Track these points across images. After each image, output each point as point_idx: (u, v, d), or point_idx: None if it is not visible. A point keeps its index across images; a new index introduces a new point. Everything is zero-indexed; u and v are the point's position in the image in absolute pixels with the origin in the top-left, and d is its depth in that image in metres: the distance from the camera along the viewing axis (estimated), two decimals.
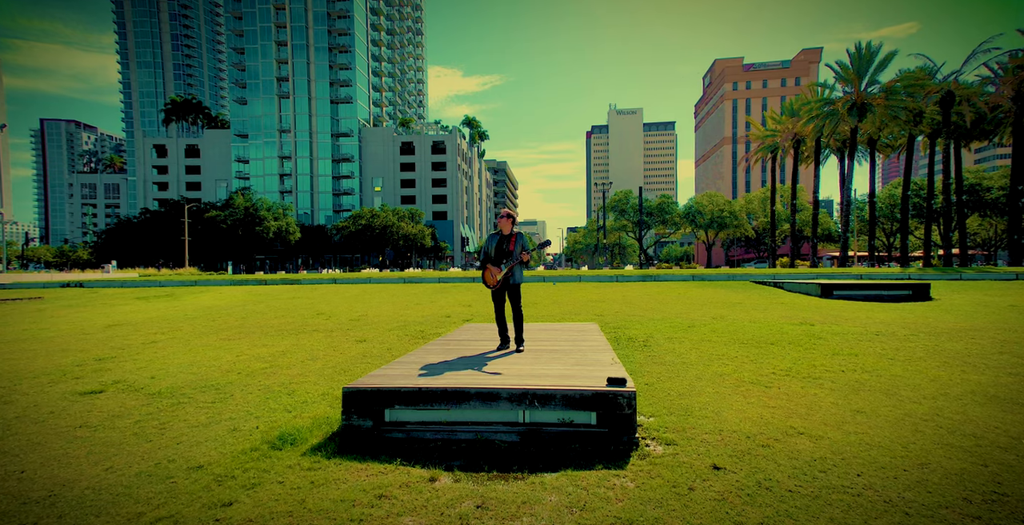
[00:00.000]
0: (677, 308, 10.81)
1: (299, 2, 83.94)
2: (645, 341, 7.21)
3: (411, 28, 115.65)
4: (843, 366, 5.58)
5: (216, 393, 5.01)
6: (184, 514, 2.68)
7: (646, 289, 15.65)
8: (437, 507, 2.82)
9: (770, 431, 3.68)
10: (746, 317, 9.35)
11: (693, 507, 2.65)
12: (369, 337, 8.04)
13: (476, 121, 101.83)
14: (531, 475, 3.17)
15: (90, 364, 6.29)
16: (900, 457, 3.17)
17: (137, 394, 4.96)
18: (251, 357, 6.61)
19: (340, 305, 12.37)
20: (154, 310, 12.06)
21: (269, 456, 3.46)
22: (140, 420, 4.22)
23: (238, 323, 9.66)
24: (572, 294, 14.53)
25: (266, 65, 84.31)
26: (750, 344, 6.80)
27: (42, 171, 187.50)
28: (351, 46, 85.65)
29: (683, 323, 8.70)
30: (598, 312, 10.42)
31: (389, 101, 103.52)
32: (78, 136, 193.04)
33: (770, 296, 13.46)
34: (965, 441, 3.43)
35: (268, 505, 2.81)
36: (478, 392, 3.82)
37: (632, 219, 65.12)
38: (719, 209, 63.89)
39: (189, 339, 8.00)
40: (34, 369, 6.09)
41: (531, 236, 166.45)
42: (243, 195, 59.90)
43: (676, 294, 13.89)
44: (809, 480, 2.91)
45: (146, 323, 9.83)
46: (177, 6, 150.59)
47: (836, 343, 6.80)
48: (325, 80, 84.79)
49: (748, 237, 70.38)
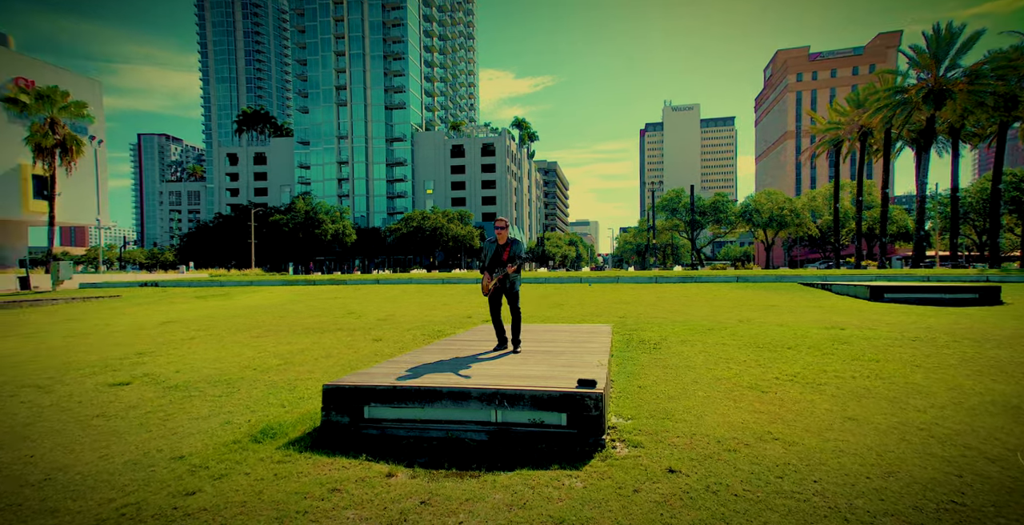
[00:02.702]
0: (705, 310, 10.44)
1: (356, 13, 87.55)
2: (657, 343, 7.05)
3: (463, 33, 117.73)
4: (857, 372, 5.27)
5: (226, 387, 5.36)
6: (148, 501, 2.91)
7: (682, 291, 15.17)
8: (382, 502, 2.91)
9: (744, 436, 3.61)
10: (775, 320, 8.91)
11: (630, 509, 2.66)
12: (386, 337, 8.30)
13: (526, 122, 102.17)
14: (487, 474, 3.24)
15: (131, 358, 6.89)
16: (870, 465, 3.09)
17: (157, 387, 5.40)
18: (270, 354, 7.00)
19: (373, 305, 12.82)
20: (206, 308, 13.00)
21: (247, 449, 3.68)
22: (150, 411, 4.59)
23: (273, 321, 10.24)
24: (603, 295, 14.32)
25: (326, 75, 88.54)
26: (766, 348, 6.51)
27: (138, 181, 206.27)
28: (404, 53, 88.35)
29: (704, 326, 8.41)
30: (621, 314, 10.24)
31: (441, 105, 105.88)
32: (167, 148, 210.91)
33: (812, 298, 12.69)
34: (951, 451, 3.27)
35: (227, 495, 2.99)
36: (449, 391, 3.91)
37: (684, 218, 63.08)
38: (778, 207, 60.58)
39: (223, 336, 8.58)
40: (84, 361, 6.75)
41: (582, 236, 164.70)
42: (304, 199, 63.25)
43: (711, 296, 13.39)
44: (761, 485, 2.85)
45: (194, 320, 10.62)
46: (250, 24, 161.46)
47: (861, 348, 6.38)
48: (380, 87, 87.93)
49: (812, 236, 66.35)
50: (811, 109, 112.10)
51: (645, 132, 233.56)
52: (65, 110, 34.72)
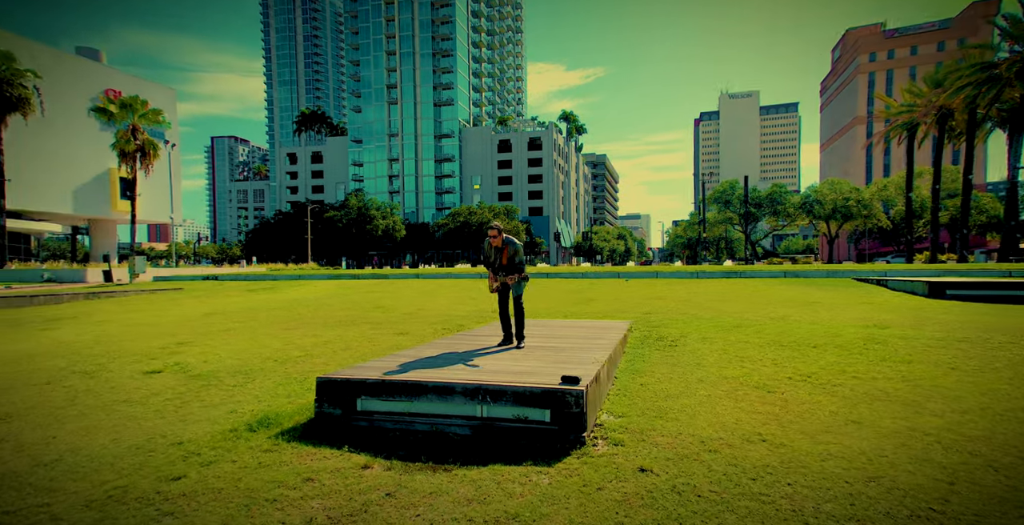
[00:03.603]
0: (738, 307, 9.99)
1: (407, 12, 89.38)
2: (674, 341, 6.84)
3: (511, 27, 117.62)
4: (880, 374, 4.95)
5: (243, 378, 5.66)
6: (137, 485, 3.11)
7: (720, 287, 14.57)
8: (349, 493, 2.99)
9: (731, 437, 3.51)
10: (810, 317, 8.43)
11: (587, 507, 2.65)
12: (408, 330, 8.48)
13: (573, 115, 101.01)
14: (461, 468, 3.29)
15: (171, 347, 7.41)
16: (854, 469, 2.98)
17: (183, 376, 5.77)
18: (294, 346, 7.32)
19: (405, 299, 13.13)
20: (251, 301, 13.77)
21: (241, 437, 3.86)
22: (169, 398, 4.92)
23: (307, 314, 10.70)
24: (637, 291, 13.99)
25: (377, 74, 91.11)
26: (788, 346, 6.22)
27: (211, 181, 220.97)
28: (452, 50, 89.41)
29: (731, 323, 8.07)
30: (648, 310, 9.97)
31: (488, 100, 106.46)
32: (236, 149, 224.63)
33: (862, 295, 11.83)
34: (953, 458, 3.10)
35: (208, 481, 3.16)
36: (435, 386, 3.97)
37: (737, 211, 60.35)
38: (843, 197, 56.66)
39: (257, 328, 9.05)
40: (130, 349, 7.32)
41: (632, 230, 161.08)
42: (356, 196, 65.63)
43: (749, 292, 12.78)
44: (730, 486, 2.79)
45: (237, 313, 11.28)
46: (309, 28, 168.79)
47: (895, 348, 5.95)
48: (429, 84, 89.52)
49: (883, 228, 61.71)
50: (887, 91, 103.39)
51: (700, 121, 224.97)
52: (144, 117, 37.69)
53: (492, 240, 5.47)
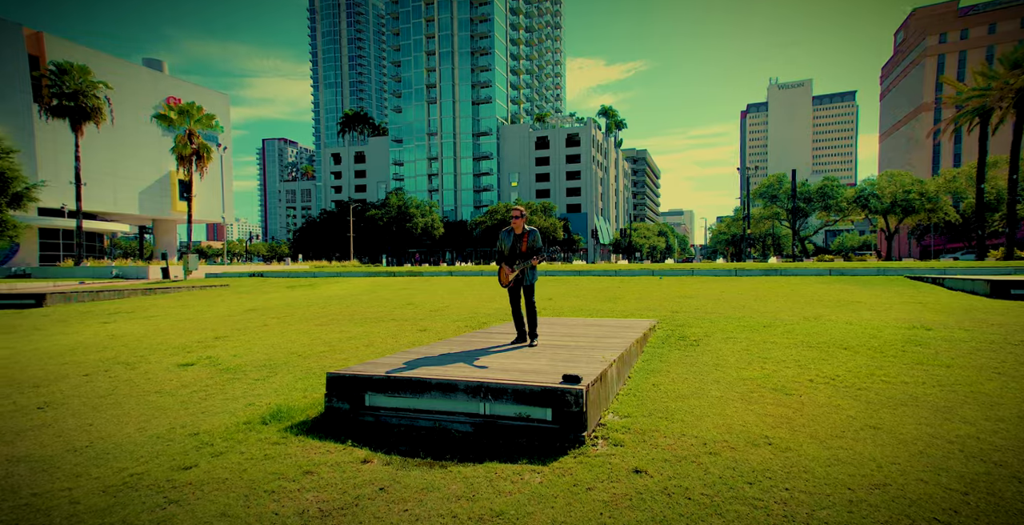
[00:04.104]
0: (771, 306, 9.57)
1: (446, 12, 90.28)
2: (697, 340, 6.65)
3: (549, 23, 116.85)
4: (914, 378, 4.65)
5: (267, 371, 5.89)
6: (151, 473, 3.30)
7: (758, 285, 14.00)
8: (345, 486, 3.07)
9: (735, 440, 3.41)
10: (848, 317, 7.99)
11: (573, 506, 2.65)
12: (431, 327, 8.60)
13: (612, 110, 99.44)
14: (457, 465, 3.33)
15: (208, 341, 7.81)
16: (860, 476, 2.84)
17: (213, 369, 6.06)
18: (321, 342, 7.56)
19: (434, 296, 13.32)
20: (290, 297, 14.32)
21: (253, 430, 4.03)
22: (196, 390, 5.18)
23: (339, 310, 11.03)
24: (668, 289, 13.65)
25: (417, 74, 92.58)
26: (817, 347, 5.94)
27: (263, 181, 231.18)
28: (490, 48, 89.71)
29: (760, 322, 7.76)
30: (676, 308, 9.71)
31: (526, 97, 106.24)
32: (285, 151, 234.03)
33: (912, 294, 11.08)
34: (974, 468, 2.91)
35: (215, 472, 3.31)
36: (438, 383, 4.03)
37: (785, 206, 57.75)
38: (903, 190, 53.13)
39: (290, 324, 9.40)
40: (171, 343, 7.77)
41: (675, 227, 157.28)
42: (396, 195, 67.07)
43: (788, 291, 12.22)
44: (724, 490, 2.72)
45: (274, 308, 11.75)
46: (353, 31, 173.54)
47: (936, 351, 5.56)
48: (467, 83, 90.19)
49: (950, 223, 57.53)
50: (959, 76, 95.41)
51: (747, 113, 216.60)
52: (199, 122, 39.85)
53: (515, 222, 5.35)
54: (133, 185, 47.57)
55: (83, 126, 34.56)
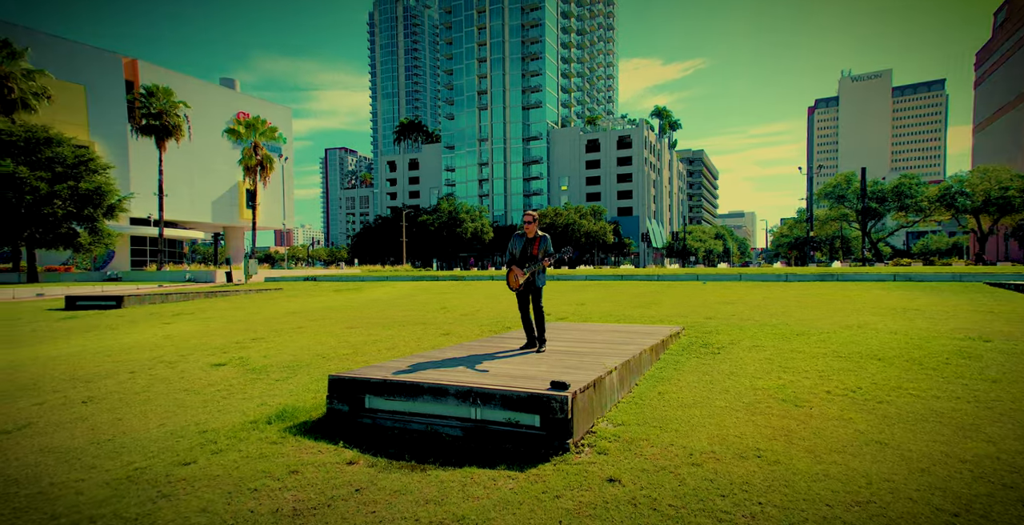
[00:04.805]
0: (814, 313, 9.02)
1: (497, 19, 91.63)
2: (720, 348, 6.41)
3: (602, 24, 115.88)
4: (946, 392, 4.33)
5: (289, 372, 6.16)
6: (154, 467, 3.53)
7: (806, 290, 13.17)
8: (324, 487, 3.17)
9: (724, 451, 3.31)
10: (896, 326, 7.41)
11: (536, 514, 2.66)
12: (454, 331, 8.70)
13: (667, 111, 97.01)
14: (438, 469, 3.38)
15: (245, 342, 8.27)
16: (846, 492, 2.73)
17: (241, 369, 6.41)
18: (346, 344, 7.83)
19: (469, 300, 13.47)
20: (333, 301, 14.93)
21: (256, 429, 4.22)
22: (220, 390, 5.50)
23: (374, 314, 11.37)
24: (708, 295, 13.11)
25: (469, 81, 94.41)
26: (849, 358, 5.65)
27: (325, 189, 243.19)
28: (541, 53, 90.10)
29: (794, 330, 7.36)
30: (711, 314, 9.33)
31: (577, 100, 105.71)
32: (345, 160, 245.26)
33: (983, 302, 10.03)
34: (978, 488, 2.75)
35: (211, 469, 3.50)
36: (430, 387, 4.10)
37: (854, 206, 53.93)
38: (999, 187, 48.07)
39: (324, 326, 9.79)
40: (213, 343, 8.29)
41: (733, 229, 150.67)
42: (447, 200, 68.54)
43: (838, 297, 11.42)
44: (693, 502, 2.67)
45: (315, 312, 12.29)
46: (410, 42, 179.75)
47: (985, 365, 5.09)
48: (518, 88, 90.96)
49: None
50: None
51: (814, 109, 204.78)
52: (263, 135, 42.58)
53: (528, 226, 5.37)
54: (207, 195, 51.46)
55: (165, 142, 37.80)
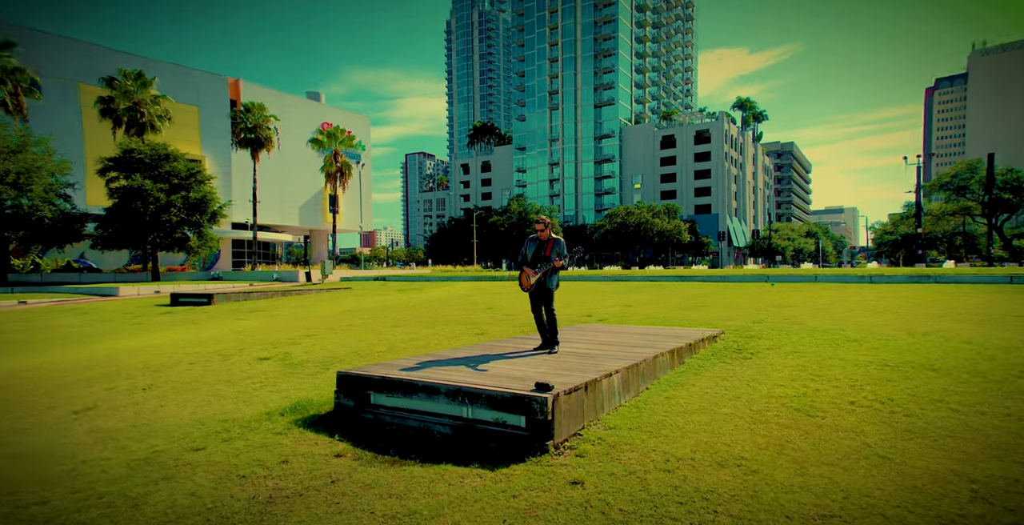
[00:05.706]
0: (881, 319, 8.13)
1: (569, 18, 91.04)
2: (754, 353, 6.08)
3: (679, 16, 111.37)
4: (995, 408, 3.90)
5: (322, 368, 6.52)
6: (169, 451, 3.89)
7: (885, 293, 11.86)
8: (304, 477, 3.37)
9: (704, 458, 3.23)
10: (973, 336, 6.48)
11: (485, 512, 2.71)
12: (491, 331, 8.77)
13: (750, 102, 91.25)
14: (415, 465, 3.49)
15: (296, 339, 8.86)
16: (814, 506, 2.61)
17: (282, 364, 6.88)
18: (384, 342, 8.15)
19: (516, 301, 13.50)
20: (392, 300, 15.58)
21: (268, 420, 4.52)
22: (255, 382, 5.94)
23: (423, 314, 11.73)
24: (769, 297, 12.19)
25: (540, 82, 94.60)
26: (896, 367, 5.17)
27: (405, 192, 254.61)
28: (614, 49, 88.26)
29: (846, 337, 6.74)
30: (760, 318, 8.70)
31: (652, 95, 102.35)
32: (424, 164, 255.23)
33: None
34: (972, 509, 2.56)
35: (216, 455, 3.80)
36: (423, 385, 4.22)
37: (979, 198, 47.40)
38: None
39: (372, 325, 10.25)
40: (268, 339, 8.97)
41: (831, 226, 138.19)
42: (517, 201, 69.17)
43: (924, 301, 10.12)
44: (646, 507, 2.65)
45: (370, 310, 12.90)
46: (484, 47, 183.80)
47: None
48: (590, 87, 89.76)
49: None
50: None
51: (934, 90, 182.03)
52: (342, 143, 45.49)
53: (540, 232, 5.44)
54: (295, 201, 55.87)
55: (259, 153, 41.48)
